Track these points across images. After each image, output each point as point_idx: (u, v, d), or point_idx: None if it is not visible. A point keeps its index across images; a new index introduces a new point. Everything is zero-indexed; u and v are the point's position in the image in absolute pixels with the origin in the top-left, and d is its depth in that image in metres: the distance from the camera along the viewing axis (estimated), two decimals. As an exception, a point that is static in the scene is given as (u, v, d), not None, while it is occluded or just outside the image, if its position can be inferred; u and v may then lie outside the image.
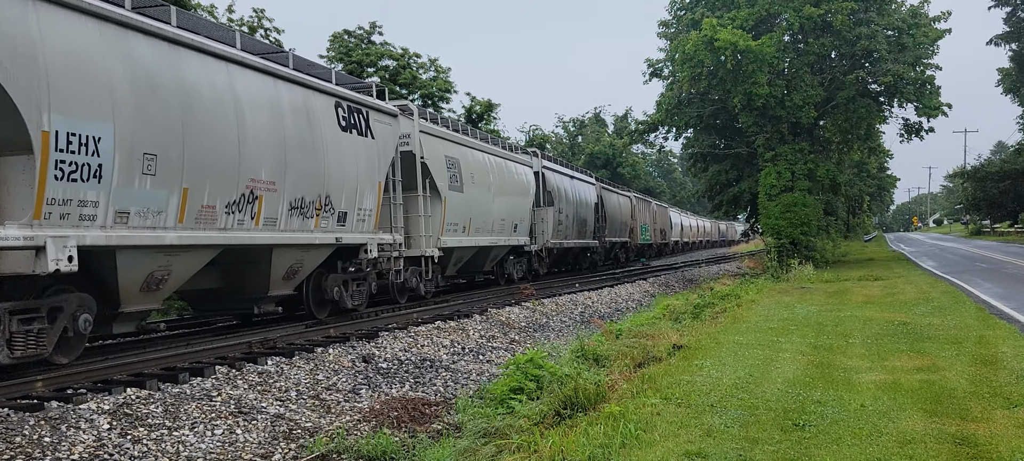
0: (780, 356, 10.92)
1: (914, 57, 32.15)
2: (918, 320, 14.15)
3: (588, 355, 11.83)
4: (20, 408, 7.79)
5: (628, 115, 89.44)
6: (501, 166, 24.43)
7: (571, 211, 31.64)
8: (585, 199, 34.34)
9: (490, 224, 22.74)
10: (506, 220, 24.08)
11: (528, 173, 27.17)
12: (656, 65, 37.48)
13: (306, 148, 13.44)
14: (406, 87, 38.65)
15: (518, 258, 26.62)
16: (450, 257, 20.68)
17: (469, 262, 22.57)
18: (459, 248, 20.92)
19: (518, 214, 25.27)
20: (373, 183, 15.76)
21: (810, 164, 32.78)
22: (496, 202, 23.25)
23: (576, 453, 6.47)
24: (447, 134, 20.52)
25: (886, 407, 7.77)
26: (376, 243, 16.00)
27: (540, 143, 65.15)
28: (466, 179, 20.94)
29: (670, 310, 18.73)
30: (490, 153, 23.78)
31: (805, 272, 27.61)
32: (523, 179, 26.46)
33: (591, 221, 35.07)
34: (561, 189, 30.48)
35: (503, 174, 24.38)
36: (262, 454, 7.88)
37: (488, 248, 23.18)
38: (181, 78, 10.68)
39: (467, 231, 21.10)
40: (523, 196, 25.99)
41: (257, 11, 32.01)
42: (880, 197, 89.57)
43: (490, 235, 22.86)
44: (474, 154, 22.24)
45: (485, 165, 22.91)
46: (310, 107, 13.75)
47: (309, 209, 13.64)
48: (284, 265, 13.47)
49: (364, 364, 11.64)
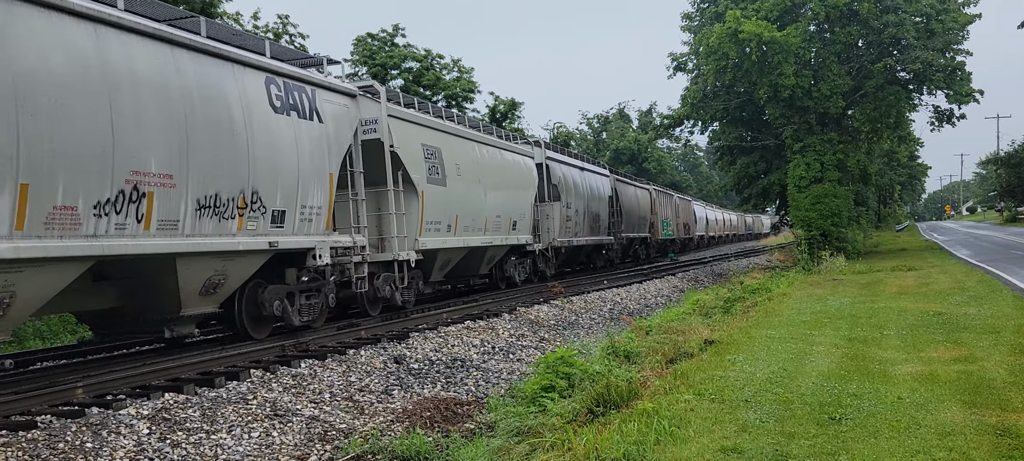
0: (814, 349, 10.83)
1: (944, 43, 31.72)
2: (954, 310, 13.97)
3: (619, 352, 11.80)
4: (62, 415, 7.93)
5: (653, 110, 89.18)
6: (495, 157, 22.05)
7: (581, 206, 29.42)
8: (597, 192, 32.13)
9: (483, 221, 20.45)
10: (503, 217, 21.79)
11: (529, 165, 25.02)
12: (680, 59, 37.28)
13: (220, 132, 11.05)
14: (429, 88, 38.80)
15: (520, 259, 24.50)
16: (434, 260, 18.47)
17: (459, 265, 20.32)
18: (444, 250, 18.68)
19: (518, 210, 22.95)
20: (322, 176, 13.58)
21: (839, 154, 32.45)
22: (490, 197, 20.87)
23: (610, 451, 6.46)
24: (424, 119, 18.20)
25: (924, 399, 7.68)
26: (328, 246, 13.78)
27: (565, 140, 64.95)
28: (450, 171, 18.55)
29: (700, 305, 18.64)
30: (482, 142, 21.40)
31: (837, 264, 27.35)
32: (523, 171, 24.18)
33: (605, 216, 32.92)
34: (569, 182, 28.36)
35: (498, 165, 22.06)
36: (298, 456, 7.96)
37: (482, 249, 20.98)
38: (12, 42, 8.36)
39: (453, 230, 18.82)
40: (524, 190, 23.74)
41: (282, 17, 32.26)
42: (911, 186, 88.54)
43: (483, 234, 20.54)
44: (460, 143, 19.85)
45: (475, 155, 20.62)
46: (227, 83, 11.39)
47: (228, 208, 11.24)
48: (197, 278, 11.07)
49: (396, 365, 11.70)
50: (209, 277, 11.24)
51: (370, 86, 16.24)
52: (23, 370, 11.42)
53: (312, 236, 13.37)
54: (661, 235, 43.91)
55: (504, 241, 21.95)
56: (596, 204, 31.53)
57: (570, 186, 28.26)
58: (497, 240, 21.43)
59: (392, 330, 13.91)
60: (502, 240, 21.82)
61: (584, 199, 29.79)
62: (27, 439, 7.15)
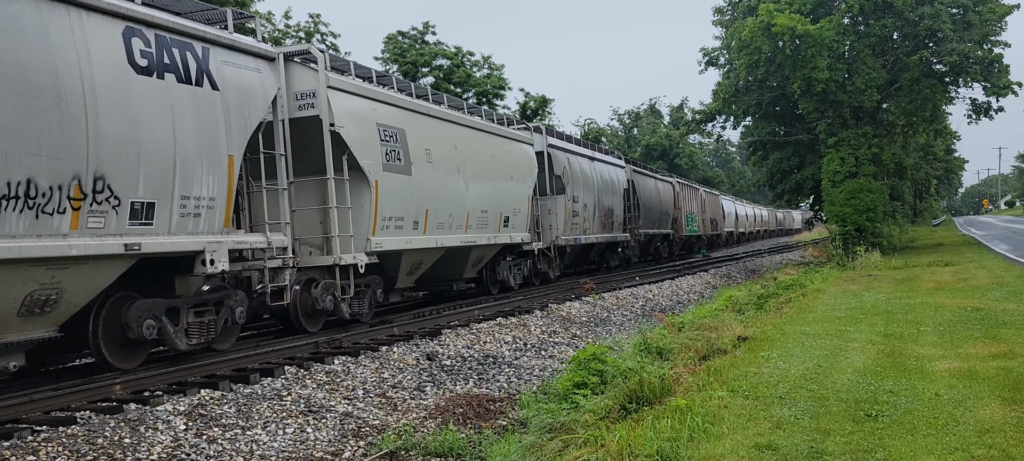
0: (849, 346, 10.72)
1: (981, 35, 31.26)
2: (992, 306, 13.75)
3: (651, 349, 11.76)
4: (101, 411, 8.06)
5: (684, 105, 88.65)
6: (481, 142, 18.96)
7: (591, 199, 26.51)
8: (610, 185, 29.17)
9: (463, 217, 17.49)
10: (491, 212, 18.90)
11: (526, 153, 21.91)
12: (712, 54, 37.05)
13: (29, 95, 8.17)
14: (460, 85, 38.89)
15: (517, 260, 21.51)
16: (397, 264, 15.47)
17: (436, 269, 17.35)
18: (411, 252, 15.64)
19: (511, 204, 20.01)
20: (217, 158, 10.75)
21: (874, 149, 32.09)
22: (473, 188, 17.92)
23: (644, 447, 6.43)
24: (380, 94, 15.04)
25: (962, 396, 7.58)
26: (226, 248, 10.86)
27: (595, 136, 64.73)
28: (416, 156, 15.50)
29: (733, 301, 18.52)
30: (463, 124, 18.16)
31: (872, 259, 27.02)
32: (518, 160, 21.14)
33: (619, 211, 30.05)
34: (576, 173, 25.42)
35: (485, 152, 18.99)
36: (332, 452, 8.02)
37: (463, 249, 17.98)
38: None
39: (421, 227, 15.78)
40: (519, 181, 20.78)
41: (313, 16, 32.50)
42: (948, 180, 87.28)
43: (463, 232, 17.59)
44: (432, 124, 16.65)
45: (453, 139, 17.40)
46: (54, 29, 8.57)
47: (51, 199, 8.42)
48: (9, 295, 8.28)
49: (428, 362, 11.75)
50: (31, 292, 8.44)
51: (305, 51, 13.76)
52: (63, 366, 11.60)
53: (200, 236, 10.45)
54: (685, 231, 41.20)
55: (492, 240, 19.06)
56: (609, 198, 28.74)
57: (577, 177, 25.47)
58: (483, 239, 18.53)
59: (424, 327, 13.98)
60: (489, 239, 18.85)
61: (594, 192, 26.99)
62: (67, 434, 7.28)
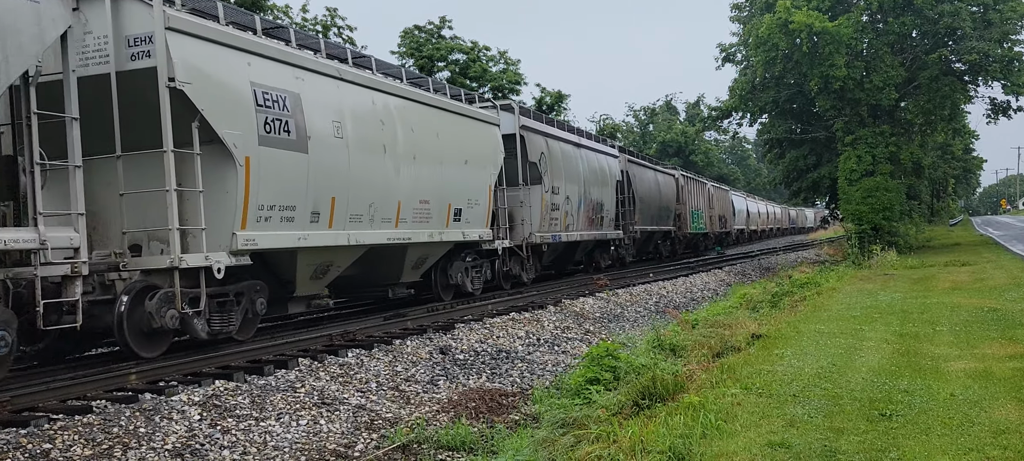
0: (864, 345, 10.67)
1: (1001, 33, 31.00)
2: (1010, 306, 13.65)
3: (664, 345, 11.74)
4: (116, 400, 8.12)
5: (700, 102, 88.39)
6: (423, 117, 15.65)
7: (575, 191, 23.48)
8: (600, 175, 26.35)
9: (392, 208, 14.33)
10: (435, 203, 15.78)
11: (490, 134, 18.61)
12: (729, 50, 36.91)
13: None
14: (476, 80, 38.90)
15: (479, 260, 18.52)
16: (293, 266, 12.47)
17: (357, 272, 14.34)
18: (309, 250, 12.44)
19: (464, 193, 16.93)
20: None
21: (892, 147, 31.90)
22: (408, 173, 14.78)
23: (656, 443, 6.43)
24: (258, 44, 11.59)
25: (977, 396, 7.53)
26: None
27: (611, 133, 64.57)
28: (318, 129, 12.33)
29: (747, 299, 18.47)
30: (393, 93, 14.74)
31: (888, 258, 26.87)
32: (478, 141, 17.91)
33: (611, 205, 27.17)
34: (556, 160, 22.34)
35: (428, 129, 15.80)
36: (345, 444, 8.06)
37: (397, 248, 14.92)
38: None
39: (325, 220, 12.58)
40: (477, 167, 17.63)
41: (330, 10, 32.58)
42: (966, 180, 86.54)
43: (393, 227, 14.41)
44: (346, 90, 13.33)
45: (378, 111, 14.15)
46: None
47: None
48: None
49: (441, 356, 11.78)
50: None
51: None
52: (80, 356, 11.70)
53: None
54: (690, 228, 38.38)
55: (438, 237, 15.96)
56: (598, 190, 25.77)
57: (557, 165, 22.33)
58: (422, 235, 15.35)
59: (438, 321, 14.00)
60: (431, 236, 15.69)
61: (579, 183, 24.00)
62: (83, 423, 7.34)
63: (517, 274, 20.54)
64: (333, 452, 7.79)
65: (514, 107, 21.06)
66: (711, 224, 43.96)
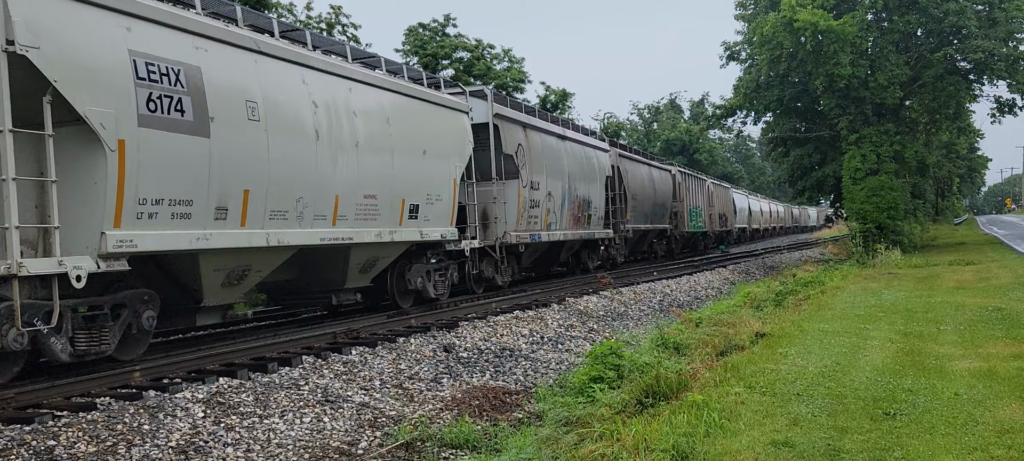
0: (868, 344, 10.66)
1: (1006, 32, 30.94)
2: (1014, 305, 13.62)
3: (668, 344, 11.74)
4: (120, 397, 8.14)
5: (705, 100, 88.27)
6: (370, 100, 13.62)
7: (558, 187, 21.75)
8: (588, 170, 24.42)
9: (328, 204, 12.30)
10: (385, 197, 13.75)
11: (456, 122, 16.51)
12: (733, 48, 36.81)
13: None
14: (480, 78, 38.88)
15: (443, 263, 16.25)
16: (196, 271, 10.40)
17: (287, 276, 12.85)
18: (216, 253, 10.44)
19: (422, 187, 14.91)
20: None
21: (896, 146, 31.86)
22: (348, 163, 12.70)
23: (660, 442, 6.43)
24: (142, 6, 9.41)
25: (981, 395, 7.52)
26: None
27: (615, 131, 64.45)
28: (224, 110, 10.25)
29: (751, 297, 18.47)
30: (330, 72, 12.72)
31: (892, 257, 26.83)
32: (440, 130, 15.83)
33: (599, 202, 25.29)
34: (536, 152, 20.56)
35: (377, 115, 13.79)
36: (348, 441, 8.06)
37: (337, 249, 12.95)
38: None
39: (235, 217, 10.52)
40: (439, 159, 15.54)
41: (334, 8, 32.58)
42: (970, 179, 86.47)
43: (330, 225, 12.38)
44: (265, 66, 11.22)
45: (310, 91, 12.03)
46: None
47: None
48: None
49: (445, 354, 11.78)
50: None
51: None
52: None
53: None
54: (688, 227, 36.84)
55: (388, 236, 13.88)
56: (584, 186, 23.91)
57: (537, 158, 20.55)
58: (368, 234, 13.33)
59: (441, 319, 14.01)
60: (379, 235, 13.58)
61: (563, 178, 22.16)
62: (87, 420, 7.35)
63: (490, 277, 18.62)
64: (336, 450, 7.80)
65: (487, 93, 18.84)
66: (711, 222, 42.59)
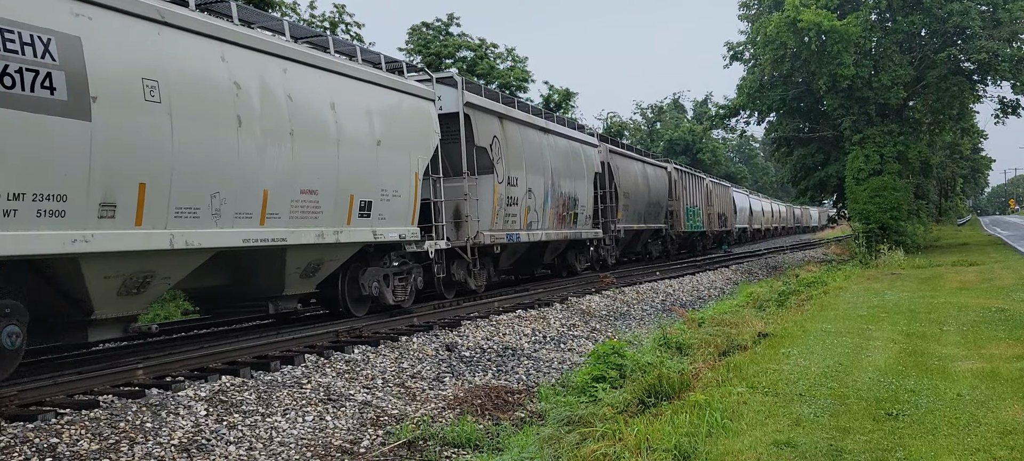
0: (871, 344, 10.65)
1: (1010, 32, 30.92)
2: (1017, 306, 13.60)
3: (671, 343, 11.74)
4: (123, 395, 8.15)
5: (708, 100, 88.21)
6: (308, 83, 11.90)
7: (540, 183, 20.41)
8: (574, 166, 23.01)
9: (254, 200, 10.75)
10: (328, 193, 12.14)
11: (419, 110, 14.78)
12: (737, 48, 36.80)
13: None
14: (483, 77, 38.89)
15: (405, 266, 14.72)
16: (78, 278, 8.82)
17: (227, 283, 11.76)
18: (101, 258, 8.87)
19: (376, 182, 13.33)
20: None
21: (900, 146, 31.84)
22: (280, 153, 11.12)
23: (662, 442, 6.43)
24: None
25: (984, 396, 7.51)
26: None
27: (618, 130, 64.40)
28: (113, 89, 8.79)
29: (754, 298, 18.46)
30: (257, 49, 11.02)
31: (895, 258, 26.82)
32: (400, 118, 14.20)
33: (588, 200, 23.93)
34: (515, 145, 19.06)
35: (318, 99, 12.08)
36: (351, 440, 8.06)
37: (270, 251, 11.39)
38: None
39: (132, 215, 9.08)
40: (397, 151, 13.85)
41: (338, 6, 32.59)
42: (974, 179, 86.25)
43: (257, 225, 10.82)
44: (171, 38, 9.65)
45: (231, 70, 10.40)
46: None
47: None
48: None
49: (448, 353, 11.78)
50: None
51: None
52: (87, 351, 11.73)
53: None
54: (685, 227, 35.67)
55: (334, 237, 12.29)
56: (570, 183, 22.46)
57: (517, 152, 19.16)
58: (308, 235, 11.74)
59: (444, 318, 14.01)
60: (321, 236, 11.99)
61: (546, 174, 20.87)
62: (90, 418, 7.36)
63: (463, 280, 17.24)
64: (339, 448, 7.80)
65: (457, 80, 17.18)
66: (709, 222, 41.31)
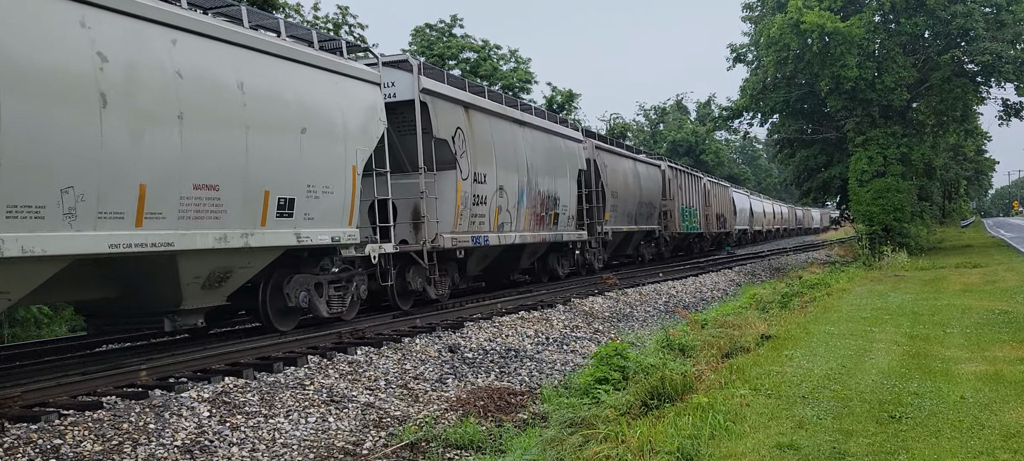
0: (874, 346, 10.64)
1: (1014, 34, 30.90)
2: (1021, 308, 13.57)
3: (673, 345, 11.72)
4: (127, 396, 8.16)
5: (711, 101, 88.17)
6: (211, 57, 10.17)
7: (515, 180, 18.61)
8: (556, 162, 21.32)
9: (127, 197, 9.01)
10: (236, 188, 10.39)
11: (357, 95, 12.96)
12: (740, 50, 36.82)
13: None
14: (487, 78, 38.93)
15: (347, 273, 13.17)
16: None
17: (114, 297, 10.22)
18: None
19: (301, 176, 11.60)
20: None
21: (903, 148, 31.81)
22: (162, 140, 9.38)
23: (664, 444, 6.43)
24: None
25: (988, 399, 7.49)
26: None
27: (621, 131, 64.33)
28: None
29: (757, 299, 18.43)
30: (130, 13, 9.12)
31: (899, 259, 26.77)
32: (333, 102, 12.39)
33: (570, 199, 22.10)
34: (482, 138, 17.20)
35: (225, 76, 10.32)
36: (353, 441, 8.07)
37: (155, 260, 9.64)
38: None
39: None
40: (326, 140, 12.14)
41: (342, 8, 32.65)
42: (978, 181, 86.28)
43: (132, 226, 9.07)
44: None
45: (92, 35, 8.60)
46: None
47: None
48: None
49: (450, 354, 11.78)
50: None
51: None
52: (90, 352, 11.76)
53: None
54: (680, 228, 34.18)
55: (243, 241, 10.51)
56: (549, 180, 20.67)
57: (484, 145, 17.30)
58: (206, 239, 9.94)
59: (447, 319, 14.01)
60: (224, 239, 10.20)
61: (520, 170, 19.05)
62: (93, 419, 7.37)
63: (421, 289, 15.42)
64: (341, 450, 7.81)
65: (412, 64, 15.16)
66: (707, 223, 39.68)
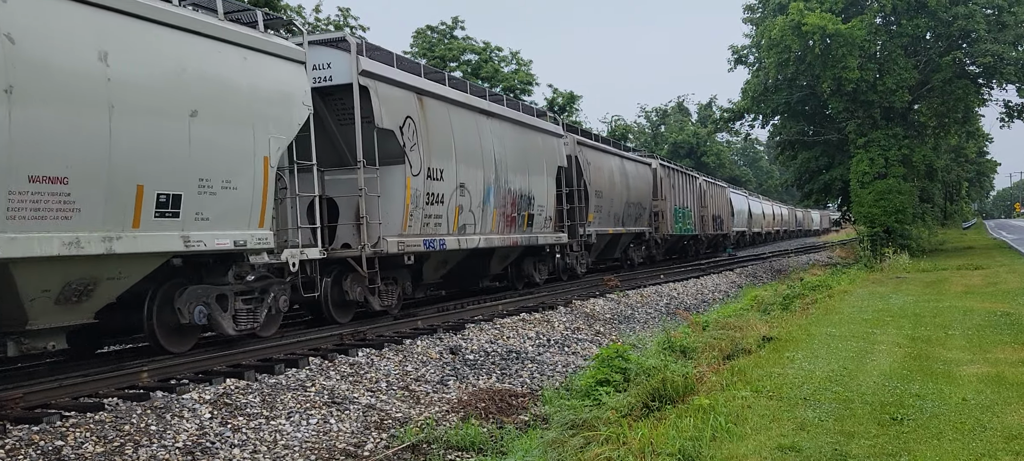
0: (875, 348, 10.63)
1: (1015, 36, 30.86)
2: (1022, 310, 13.56)
3: (675, 347, 11.70)
4: (128, 398, 8.16)
5: (712, 103, 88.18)
6: (61, 21, 8.29)
7: (479, 176, 16.84)
8: (530, 157, 19.56)
9: None
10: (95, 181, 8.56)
11: (273, 76, 11.29)
12: (741, 52, 36.78)
13: None
14: (488, 80, 38.96)
15: (262, 283, 11.51)
16: None
17: None
18: None
19: (193, 168, 9.87)
20: None
21: (904, 149, 31.77)
22: None
23: (666, 446, 6.42)
24: None
25: (990, 401, 7.49)
26: None
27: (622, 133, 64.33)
28: None
29: (758, 301, 18.40)
30: None
31: (900, 261, 26.74)
32: (237, 83, 10.68)
33: (548, 199, 20.36)
34: (439, 129, 15.50)
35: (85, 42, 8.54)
36: (355, 443, 8.07)
37: None
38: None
39: None
40: (230, 125, 10.47)
41: (343, 10, 32.69)
42: (979, 183, 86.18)
43: None
44: None
45: None
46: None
47: None
48: None
49: (451, 356, 11.79)
50: None
51: None
52: (92, 354, 11.75)
53: None
54: (672, 230, 32.66)
55: (108, 246, 8.69)
56: (522, 178, 18.91)
57: (441, 137, 15.55)
58: (52, 246, 8.11)
59: (448, 321, 14.02)
60: (76, 243, 8.34)
61: (487, 166, 17.25)
62: (95, 421, 7.38)
63: (362, 300, 13.82)
64: (343, 451, 7.81)
65: (350, 43, 13.52)
66: (702, 225, 38.16)
